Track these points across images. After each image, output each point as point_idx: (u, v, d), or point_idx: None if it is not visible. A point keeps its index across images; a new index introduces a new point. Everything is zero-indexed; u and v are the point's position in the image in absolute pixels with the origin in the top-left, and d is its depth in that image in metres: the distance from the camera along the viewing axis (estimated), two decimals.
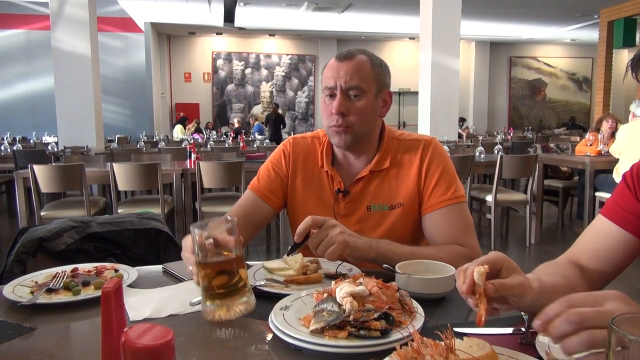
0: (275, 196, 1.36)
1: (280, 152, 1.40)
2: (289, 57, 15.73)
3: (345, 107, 1.22)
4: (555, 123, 16.59)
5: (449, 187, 1.26)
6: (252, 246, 4.50)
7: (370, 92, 1.25)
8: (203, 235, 0.87)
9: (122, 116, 13.16)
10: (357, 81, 1.22)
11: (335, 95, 1.23)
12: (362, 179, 1.30)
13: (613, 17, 9.94)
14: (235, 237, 0.88)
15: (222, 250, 0.89)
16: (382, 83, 1.28)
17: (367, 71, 1.24)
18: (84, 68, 6.36)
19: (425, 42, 6.36)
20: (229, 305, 0.86)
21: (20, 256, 1.30)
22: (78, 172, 3.75)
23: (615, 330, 0.51)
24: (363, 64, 1.24)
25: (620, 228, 0.94)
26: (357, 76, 1.22)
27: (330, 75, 1.24)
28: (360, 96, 1.23)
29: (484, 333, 0.80)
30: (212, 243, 0.88)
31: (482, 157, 4.90)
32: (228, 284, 0.87)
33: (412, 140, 1.34)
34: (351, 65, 1.22)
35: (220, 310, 0.86)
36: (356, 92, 1.23)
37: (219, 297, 0.87)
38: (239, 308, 0.87)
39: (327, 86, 1.25)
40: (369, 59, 1.26)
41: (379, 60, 1.29)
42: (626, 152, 4.03)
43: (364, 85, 1.23)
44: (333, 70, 1.24)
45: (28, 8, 12.21)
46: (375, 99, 1.26)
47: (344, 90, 1.22)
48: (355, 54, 1.24)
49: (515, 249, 4.62)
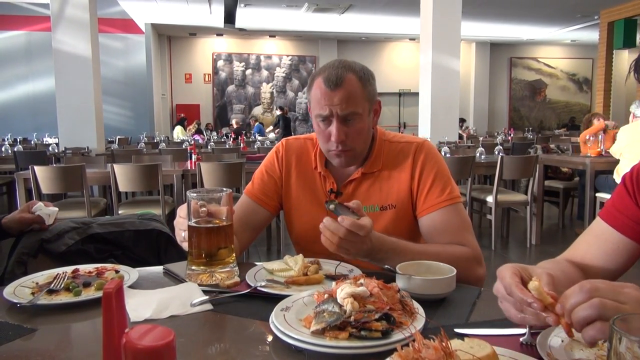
0: (270, 199, 1.36)
1: (273, 155, 1.40)
2: (289, 58, 15.74)
3: (344, 133, 1.22)
4: (556, 124, 16.59)
5: (444, 188, 1.26)
6: (252, 247, 4.50)
7: (365, 112, 1.24)
8: (198, 202, 0.92)
9: (123, 117, 13.17)
10: (352, 107, 1.21)
11: (331, 121, 1.22)
12: (354, 181, 1.31)
13: (613, 18, 9.94)
14: (228, 208, 0.92)
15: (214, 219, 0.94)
16: (372, 97, 1.27)
17: (359, 93, 1.22)
18: (84, 69, 6.36)
19: (425, 43, 6.36)
20: (213, 271, 0.91)
21: (21, 257, 1.30)
22: (79, 173, 3.75)
23: (616, 330, 0.51)
24: (354, 86, 1.21)
25: (619, 233, 0.94)
26: (351, 102, 1.20)
27: (323, 104, 1.21)
28: (356, 119, 1.23)
29: (485, 334, 0.80)
30: (206, 211, 0.94)
31: (483, 157, 4.90)
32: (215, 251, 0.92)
33: (404, 143, 1.34)
34: (343, 91, 1.19)
35: (203, 274, 0.91)
36: (352, 117, 1.22)
37: (204, 264, 0.91)
38: (221, 276, 0.91)
39: (320, 114, 1.22)
40: (357, 78, 1.22)
41: (366, 74, 1.25)
42: (627, 153, 4.03)
43: (359, 109, 1.22)
44: (326, 99, 1.20)
45: (29, 9, 12.22)
46: (369, 115, 1.27)
47: (340, 117, 1.21)
48: (343, 77, 1.20)
49: (515, 250, 4.62)
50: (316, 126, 1.27)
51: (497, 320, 0.87)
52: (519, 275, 0.75)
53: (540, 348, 0.72)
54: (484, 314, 0.91)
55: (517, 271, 0.76)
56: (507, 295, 0.75)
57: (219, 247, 0.94)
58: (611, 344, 0.51)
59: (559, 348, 0.73)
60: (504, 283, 0.75)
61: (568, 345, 0.73)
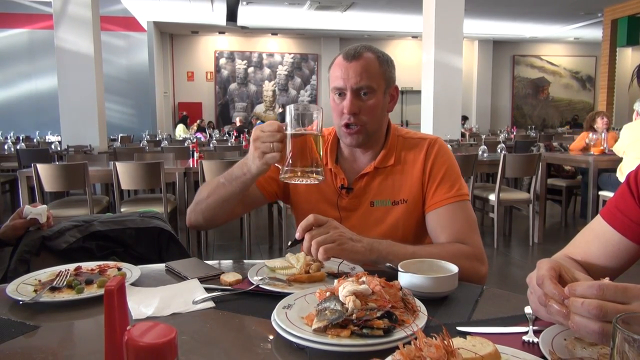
0: (268, 185, 1.38)
1: None
2: (291, 56, 15.72)
3: (357, 106, 1.23)
4: (559, 122, 16.55)
5: (452, 185, 1.26)
6: (254, 245, 4.51)
7: (380, 90, 1.26)
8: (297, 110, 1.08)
9: (125, 115, 13.20)
10: (366, 81, 1.23)
11: (345, 95, 1.24)
12: (366, 175, 1.31)
13: (617, 16, 9.90)
14: (319, 121, 1.07)
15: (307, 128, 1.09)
16: (389, 79, 1.29)
17: (376, 69, 1.25)
18: (87, 67, 6.36)
19: (428, 40, 6.35)
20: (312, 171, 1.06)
21: (24, 256, 1.30)
22: (81, 171, 3.76)
23: (619, 330, 0.50)
24: (371, 62, 1.24)
25: (619, 234, 0.94)
26: (366, 75, 1.23)
27: (339, 76, 1.24)
28: (370, 94, 1.24)
29: (487, 332, 0.80)
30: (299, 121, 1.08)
31: (485, 156, 4.89)
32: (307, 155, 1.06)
33: (417, 139, 1.35)
34: (359, 64, 1.23)
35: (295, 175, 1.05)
36: (366, 90, 1.24)
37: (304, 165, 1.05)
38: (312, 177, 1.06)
39: (336, 86, 1.25)
40: (376, 56, 1.26)
41: (385, 56, 1.29)
42: (630, 151, 4.01)
43: (374, 84, 1.24)
44: (342, 71, 1.24)
45: (31, 7, 12.25)
46: (384, 95, 1.28)
47: (355, 90, 1.23)
48: (362, 53, 1.24)
49: (518, 248, 4.61)
50: (332, 102, 1.29)
51: (499, 319, 0.87)
52: (557, 271, 0.74)
53: (543, 346, 0.72)
54: (486, 312, 0.90)
55: (558, 267, 0.75)
56: (537, 286, 0.74)
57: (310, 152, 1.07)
58: (614, 342, 0.51)
59: (562, 346, 0.72)
60: (539, 274, 0.74)
61: (570, 344, 0.73)
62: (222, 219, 1.34)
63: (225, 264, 1.25)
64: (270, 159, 1.11)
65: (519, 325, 0.82)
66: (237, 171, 1.21)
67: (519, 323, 0.83)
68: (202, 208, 1.30)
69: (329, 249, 1.00)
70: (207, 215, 1.31)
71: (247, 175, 1.19)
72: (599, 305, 0.63)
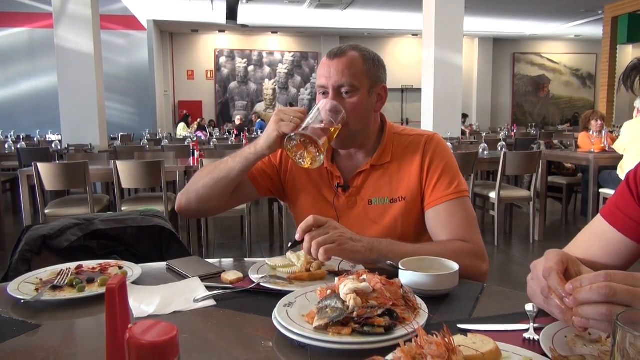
0: (262, 179, 1.38)
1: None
2: (291, 54, 15.72)
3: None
4: (559, 119, 16.54)
5: (451, 182, 1.26)
6: (255, 243, 4.51)
7: (363, 88, 1.24)
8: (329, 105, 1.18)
9: (126, 114, 13.19)
10: (348, 78, 1.21)
11: (328, 94, 1.23)
12: (362, 173, 1.30)
13: (617, 13, 9.88)
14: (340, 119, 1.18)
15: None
16: (375, 78, 1.27)
17: (359, 67, 1.23)
18: (87, 66, 6.36)
19: (428, 38, 6.34)
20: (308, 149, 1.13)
21: (25, 255, 1.30)
22: (82, 170, 3.76)
23: (620, 327, 0.50)
24: (354, 60, 1.23)
25: (620, 233, 0.94)
26: (348, 73, 1.21)
27: (322, 74, 1.24)
28: (351, 93, 1.23)
29: (488, 329, 0.80)
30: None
31: (486, 153, 4.89)
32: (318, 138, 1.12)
33: (414, 136, 1.33)
34: (342, 62, 1.22)
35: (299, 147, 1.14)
36: (348, 89, 1.22)
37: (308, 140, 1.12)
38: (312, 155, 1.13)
39: (319, 84, 1.25)
40: (360, 55, 1.25)
41: (371, 55, 1.28)
42: (630, 149, 4.01)
43: (356, 82, 1.22)
44: (325, 69, 1.24)
45: (31, 6, 12.24)
46: (368, 94, 1.26)
47: (336, 88, 1.22)
48: (346, 51, 1.24)
49: (518, 246, 4.61)
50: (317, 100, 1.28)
51: (500, 316, 0.87)
52: (565, 264, 0.74)
53: (544, 343, 0.72)
54: (487, 310, 0.91)
55: (566, 260, 0.75)
56: (541, 276, 0.74)
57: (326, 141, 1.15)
58: (615, 340, 0.51)
59: (563, 343, 0.73)
60: (546, 265, 0.74)
61: (571, 341, 0.73)
62: (214, 203, 1.34)
63: (226, 262, 1.25)
64: (284, 126, 1.16)
65: (520, 323, 0.82)
66: (245, 148, 1.27)
67: (519, 320, 0.83)
68: (198, 187, 1.32)
69: (329, 250, 1.00)
70: (200, 193, 1.32)
71: (251, 149, 1.25)
72: (607, 285, 0.63)
